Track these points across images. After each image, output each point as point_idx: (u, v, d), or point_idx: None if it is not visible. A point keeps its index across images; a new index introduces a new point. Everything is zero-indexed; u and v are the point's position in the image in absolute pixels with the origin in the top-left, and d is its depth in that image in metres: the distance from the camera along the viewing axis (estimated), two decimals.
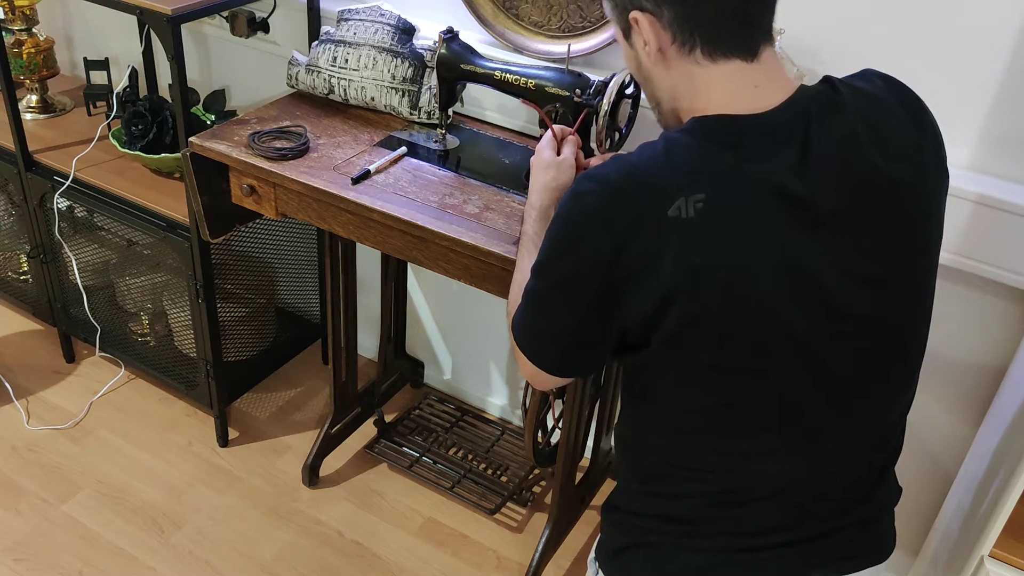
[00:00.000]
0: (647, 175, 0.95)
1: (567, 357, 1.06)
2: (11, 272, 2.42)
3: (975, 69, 1.43)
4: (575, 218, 0.97)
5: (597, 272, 0.95)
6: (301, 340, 2.40)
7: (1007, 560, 1.31)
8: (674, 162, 0.95)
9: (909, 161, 1.00)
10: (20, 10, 2.11)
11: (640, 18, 0.98)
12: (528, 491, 2.08)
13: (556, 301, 1.02)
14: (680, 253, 0.91)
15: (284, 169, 1.60)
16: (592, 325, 1.00)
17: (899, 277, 1.01)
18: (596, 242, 0.94)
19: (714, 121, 0.97)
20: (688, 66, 0.98)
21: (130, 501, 2.02)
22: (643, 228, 0.92)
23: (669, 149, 0.96)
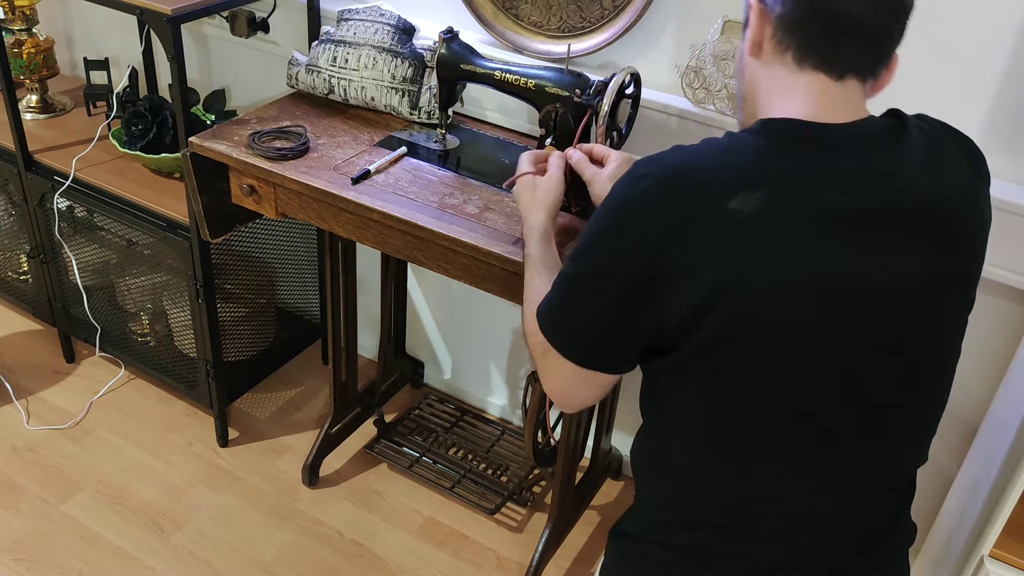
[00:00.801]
0: (709, 165, 0.94)
1: (597, 345, 1.02)
2: (11, 272, 2.42)
3: (975, 69, 1.43)
4: (629, 201, 0.96)
5: (644, 256, 0.93)
6: (301, 340, 2.40)
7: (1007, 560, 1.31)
8: (737, 158, 0.95)
9: (964, 199, 1.01)
10: (20, 10, 2.11)
11: (755, 5, 1.01)
12: (528, 491, 2.08)
13: (596, 285, 0.99)
14: (734, 248, 0.90)
15: (284, 169, 1.60)
16: (630, 312, 0.97)
17: (940, 304, 1.00)
18: (647, 226, 0.93)
19: (781, 124, 0.97)
20: (777, 66, 0.99)
21: (130, 501, 2.02)
22: (699, 217, 0.91)
23: (732, 145, 0.96)
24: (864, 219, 0.93)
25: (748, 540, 1.04)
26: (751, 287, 0.91)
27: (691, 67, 1.60)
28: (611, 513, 2.09)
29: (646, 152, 1.72)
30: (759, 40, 1.01)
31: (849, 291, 0.93)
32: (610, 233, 0.97)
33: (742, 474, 1.02)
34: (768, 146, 0.95)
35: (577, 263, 1.02)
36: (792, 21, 0.97)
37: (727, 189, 0.91)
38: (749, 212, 0.90)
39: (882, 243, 0.94)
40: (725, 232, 0.90)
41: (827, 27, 0.96)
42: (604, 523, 2.06)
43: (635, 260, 0.94)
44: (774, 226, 0.91)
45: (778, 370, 0.95)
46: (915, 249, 0.96)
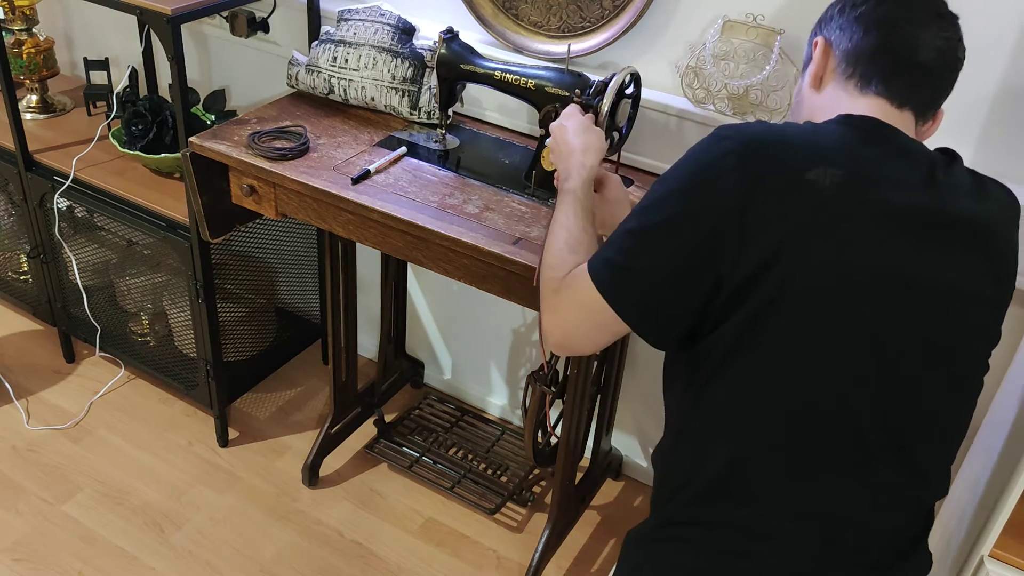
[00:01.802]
0: (794, 138, 0.99)
1: (650, 301, 1.02)
2: (11, 272, 2.42)
3: (975, 69, 1.42)
4: (711, 157, 0.98)
5: (717, 212, 0.96)
6: (301, 340, 2.40)
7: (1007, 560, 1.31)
8: (822, 138, 1.00)
9: (1007, 222, 1.08)
10: (20, 10, 2.11)
11: (821, 42, 1.11)
12: (528, 491, 2.08)
13: (663, 238, 1.00)
14: (804, 215, 0.94)
15: (284, 169, 1.60)
16: (692, 272, 0.98)
17: (979, 325, 1.06)
18: (726, 184, 0.96)
19: (862, 119, 1.03)
20: (838, 91, 1.08)
21: (130, 501, 2.02)
22: (777, 181, 0.95)
23: (817, 129, 1.03)
24: (927, 222, 0.99)
25: (764, 541, 1.03)
26: (811, 256, 0.94)
27: (691, 67, 1.60)
28: (611, 513, 2.09)
29: (646, 151, 1.73)
30: (821, 74, 1.11)
31: (902, 283, 0.98)
32: (685, 188, 0.99)
33: (773, 468, 1.02)
34: (851, 134, 1.01)
35: (646, 216, 1.02)
36: (860, 53, 1.06)
37: (808, 160, 0.96)
38: (826, 185, 0.95)
39: (939, 248, 0.99)
40: (799, 198, 0.95)
41: (894, 60, 1.05)
42: (604, 523, 2.06)
43: (708, 215, 0.96)
44: (845, 203, 0.95)
45: (822, 346, 0.97)
46: (969, 263, 1.02)
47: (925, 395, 1.02)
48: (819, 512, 1.02)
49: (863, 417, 1.00)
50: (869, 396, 0.99)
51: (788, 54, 1.53)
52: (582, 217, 1.20)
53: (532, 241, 1.45)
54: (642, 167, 1.71)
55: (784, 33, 1.51)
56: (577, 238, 1.17)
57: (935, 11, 1.07)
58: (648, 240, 1.01)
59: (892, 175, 0.99)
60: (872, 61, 1.05)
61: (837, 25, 1.10)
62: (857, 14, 1.08)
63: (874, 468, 1.02)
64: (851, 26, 1.08)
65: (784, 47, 1.53)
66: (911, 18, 1.06)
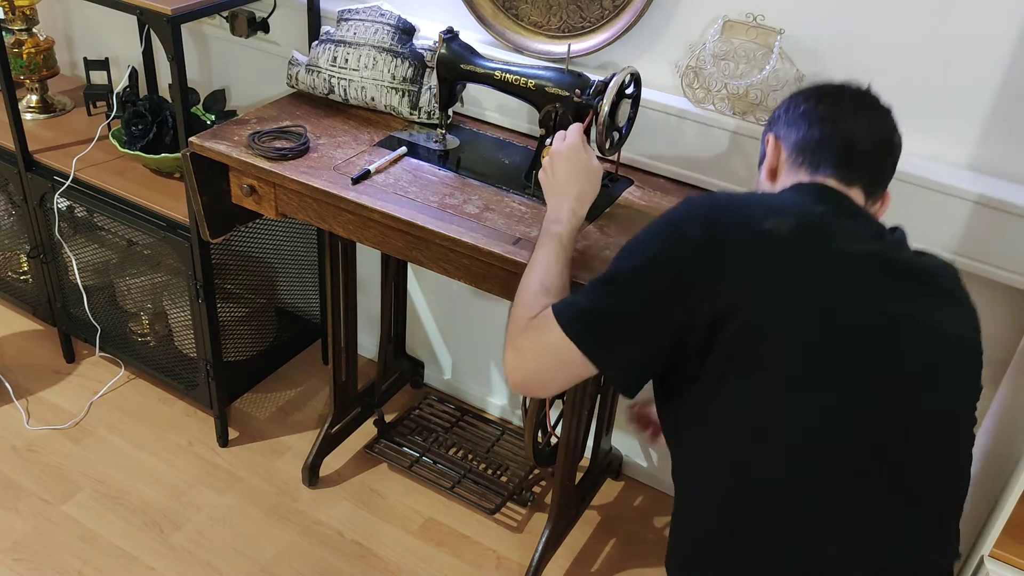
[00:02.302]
0: (751, 200, 1.12)
1: (618, 342, 1.09)
2: (11, 272, 2.42)
3: (975, 69, 1.43)
4: (679, 215, 1.10)
5: (685, 260, 1.05)
6: (301, 340, 2.40)
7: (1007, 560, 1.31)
8: (775, 199, 1.15)
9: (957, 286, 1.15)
10: (20, 10, 2.11)
11: (772, 139, 1.24)
12: (528, 491, 2.08)
13: (631, 283, 1.09)
14: (764, 258, 1.04)
15: (284, 169, 1.60)
16: (660, 315, 1.06)
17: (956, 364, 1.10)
18: (693, 233, 1.06)
19: (812, 184, 1.16)
20: (791, 177, 1.20)
21: (130, 501, 2.02)
22: (739, 232, 1.05)
23: (770, 195, 1.18)
24: (885, 265, 1.07)
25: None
26: (777, 297, 1.02)
27: (691, 67, 1.60)
28: (611, 513, 2.09)
29: (646, 151, 1.73)
30: (775, 167, 1.23)
31: (870, 319, 1.05)
32: (655, 241, 1.09)
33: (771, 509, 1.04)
34: (801, 197, 1.14)
35: (615, 266, 1.11)
36: (806, 144, 1.19)
37: (764, 214, 1.07)
38: (782, 232, 1.05)
39: (904, 287, 1.07)
40: (759, 245, 1.04)
41: (838, 148, 1.17)
42: (604, 523, 2.06)
43: (675, 261, 1.06)
44: (803, 246, 1.05)
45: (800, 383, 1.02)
46: (938, 303, 1.09)
47: (919, 431, 1.04)
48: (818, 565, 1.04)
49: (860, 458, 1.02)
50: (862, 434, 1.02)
51: (788, 54, 1.53)
52: (562, 262, 1.27)
53: (532, 241, 1.45)
54: (642, 167, 1.71)
55: (784, 33, 1.51)
56: (553, 282, 1.24)
57: (868, 105, 1.22)
58: (617, 285, 1.10)
59: (843, 228, 1.09)
60: (818, 151, 1.18)
61: (784, 123, 1.24)
62: (801, 111, 1.22)
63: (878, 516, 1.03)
64: (797, 123, 1.21)
65: (784, 47, 1.53)
66: (848, 113, 1.20)
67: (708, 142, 1.62)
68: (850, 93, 1.23)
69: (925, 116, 1.49)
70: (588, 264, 1.41)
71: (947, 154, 1.50)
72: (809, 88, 1.27)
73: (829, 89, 1.25)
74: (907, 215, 1.50)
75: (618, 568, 1.96)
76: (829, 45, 1.51)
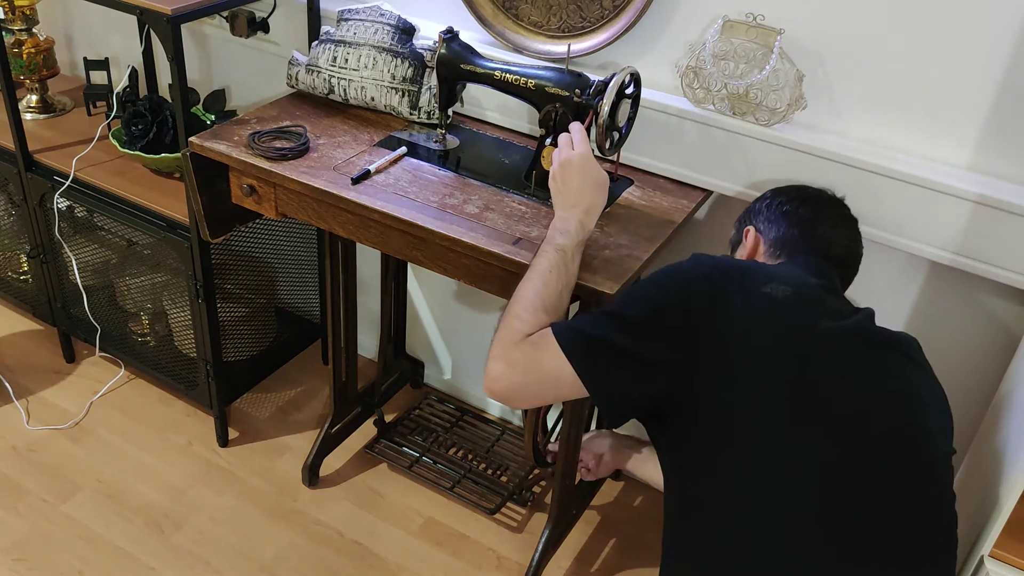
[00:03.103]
0: (754, 265, 1.22)
1: (610, 371, 1.15)
2: (11, 272, 2.42)
3: (975, 69, 1.43)
4: (687, 269, 1.17)
5: (689, 312, 1.12)
6: (301, 340, 2.40)
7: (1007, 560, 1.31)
8: (776, 268, 1.24)
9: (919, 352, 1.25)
10: (20, 10, 2.11)
11: (752, 232, 1.36)
12: (528, 491, 2.08)
13: (636, 323, 1.14)
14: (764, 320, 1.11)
15: (284, 169, 1.60)
16: (656, 355, 1.12)
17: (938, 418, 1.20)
18: (698, 287, 1.14)
19: (806, 257, 1.27)
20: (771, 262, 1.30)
21: (130, 501, 2.02)
22: (740, 291, 1.13)
23: (771, 264, 1.27)
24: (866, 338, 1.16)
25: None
26: (772, 354, 1.10)
27: (691, 67, 1.60)
28: (611, 513, 2.09)
29: (646, 151, 1.73)
30: (753, 255, 1.34)
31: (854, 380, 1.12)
32: (663, 289, 1.16)
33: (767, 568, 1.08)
34: (800, 269, 1.24)
35: (624, 305, 1.17)
36: (784, 242, 1.32)
37: (765, 279, 1.16)
38: (779, 297, 1.13)
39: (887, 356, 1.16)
40: (758, 305, 1.12)
41: (815, 247, 1.30)
42: (604, 523, 2.06)
43: (679, 312, 1.12)
44: (798, 310, 1.14)
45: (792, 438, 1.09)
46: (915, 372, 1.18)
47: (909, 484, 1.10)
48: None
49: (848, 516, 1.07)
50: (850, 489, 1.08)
51: (788, 54, 1.53)
52: (563, 278, 1.29)
53: (532, 241, 1.45)
54: (642, 167, 1.71)
55: (784, 33, 1.51)
56: (552, 299, 1.26)
57: (843, 216, 1.37)
58: (621, 322, 1.15)
59: (828, 303, 1.18)
60: (795, 248, 1.30)
61: (765, 218, 1.36)
62: (783, 211, 1.35)
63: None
64: (778, 221, 1.34)
65: (784, 47, 1.53)
66: (826, 219, 1.34)
67: (708, 142, 1.62)
68: (828, 200, 1.38)
69: (925, 116, 1.49)
70: (588, 264, 1.41)
71: (947, 154, 1.50)
72: (790, 189, 1.40)
73: (810, 193, 1.39)
74: (907, 215, 1.50)
75: (618, 568, 1.96)
76: (829, 45, 1.51)
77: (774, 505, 1.07)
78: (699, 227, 1.80)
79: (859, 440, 1.09)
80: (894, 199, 1.50)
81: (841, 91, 1.54)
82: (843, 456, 1.08)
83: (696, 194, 1.66)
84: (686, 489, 1.17)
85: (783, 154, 1.56)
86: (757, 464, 1.08)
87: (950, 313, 1.62)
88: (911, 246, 1.53)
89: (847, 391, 1.11)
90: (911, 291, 1.64)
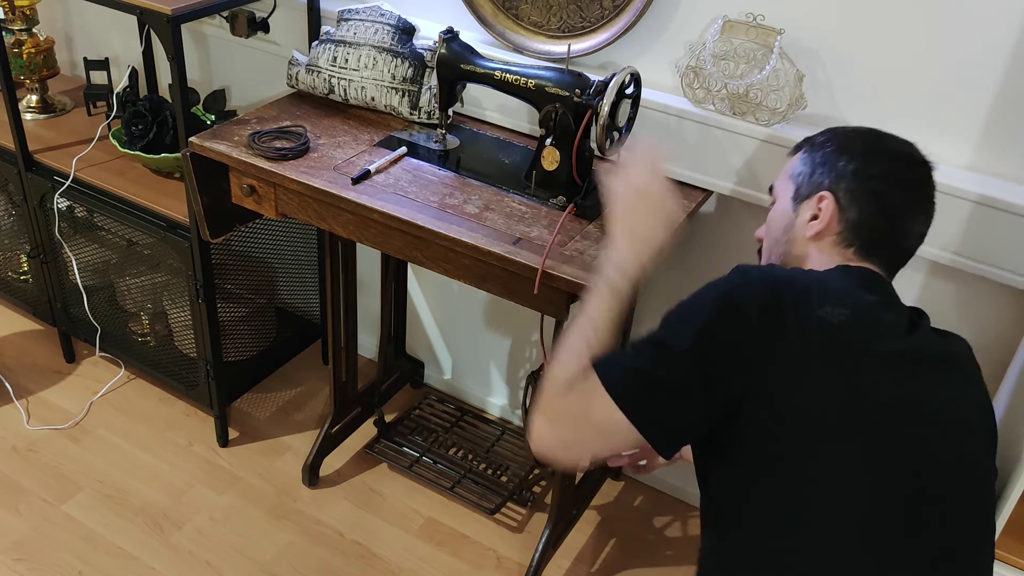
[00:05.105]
0: (808, 279, 1.08)
1: (664, 409, 1.04)
2: (11, 272, 2.42)
3: (975, 69, 1.43)
4: (735, 286, 1.05)
5: (738, 332, 1.01)
6: (301, 340, 2.40)
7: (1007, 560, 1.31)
8: (831, 283, 1.09)
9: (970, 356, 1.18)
10: (20, 10, 2.11)
11: (828, 199, 1.15)
12: (528, 491, 2.08)
13: (684, 352, 1.03)
14: (816, 346, 1.01)
15: (284, 169, 1.60)
16: (708, 383, 1.02)
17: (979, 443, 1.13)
18: (749, 309, 1.02)
19: (859, 270, 1.13)
20: (836, 252, 1.15)
21: (130, 501, 2.02)
22: (794, 310, 1.02)
23: (823, 276, 1.12)
24: (918, 359, 1.07)
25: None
26: (824, 382, 1.01)
27: (691, 67, 1.60)
28: (611, 513, 2.09)
29: None
30: (823, 231, 1.15)
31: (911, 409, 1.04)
32: (709, 310, 1.03)
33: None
34: (852, 283, 1.11)
35: (670, 333, 1.05)
36: (863, 230, 1.14)
37: (821, 299, 1.04)
38: (834, 321, 1.03)
39: (936, 379, 1.08)
40: (812, 328, 1.02)
41: (891, 245, 1.15)
42: (604, 523, 2.06)
43: (731, 338, 1.01)
44: (852, 337, 1.03)
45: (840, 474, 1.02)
46: (962, 393, 1.10)
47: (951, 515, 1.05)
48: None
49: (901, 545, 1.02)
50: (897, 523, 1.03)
51: (788, 54, 1.53)
52: (613, 323, 1.16)
53: (532, 241, 1.45)
54: None
55: (784, 33, 1.51)
56: (601, 344, 1.14)
57: (928, 198, 1.17)
58: (668, 352, 1.03)
59: (885, 320, 1.07)
60: (874, 242, 1.14)
61: (848, 188, 1.15)
62: (872, 189, 1.14)
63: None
64: (864, 199, 1.14)
65: (784, 47, 1.53)
66: (912, 208, 1.16)
67: (708, 142, 1.62)
68: (922, 180, 1.17)
69: (925, 116, 1.49)
70: (588, 264, 1.41)
71: (947, 154, 1.50)
72: (884, 157, 1.18)
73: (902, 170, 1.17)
74: None
75: (618, 568, 1.96)
76: (829, 45, 1.51)
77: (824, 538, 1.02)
78: (699, 227, 1.80)
79: (913, 468, 1.04)
80: None
81: (841, 91, 1.54)
82: (895, 483, 1.03)
83: (696, 194, 1.66)
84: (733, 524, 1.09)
85: (783, 154, 1.56)
86: (806, 495, 1.02)
87: (950, 313, 1.62)
88: None
89: (902, 419, 1.04)
90: (911, 291, 1.64)
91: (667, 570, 1.95)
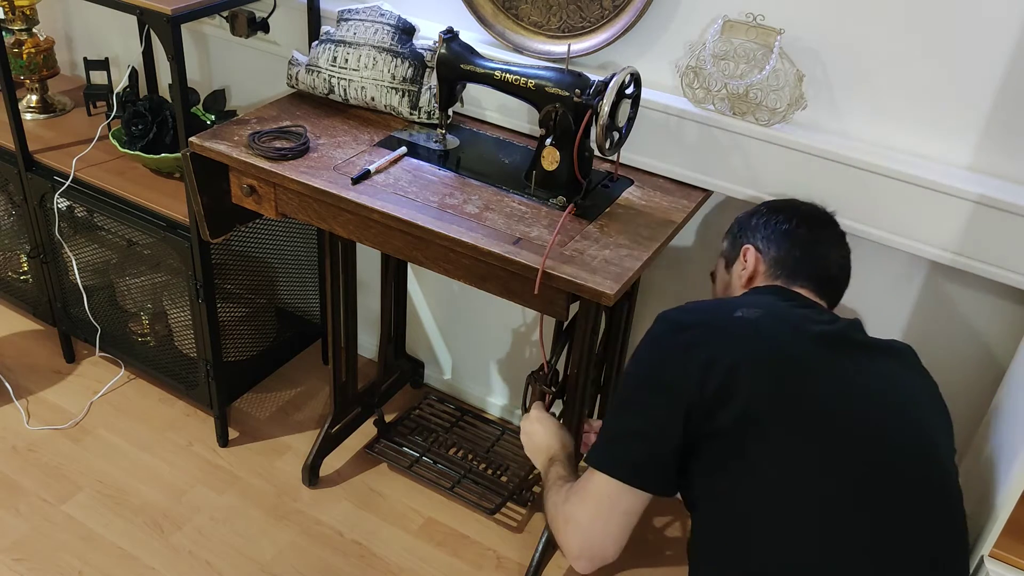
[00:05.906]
0: (715, 301, 1.32)
1: (642, 456, 1.19)
2: (11, 272, 2.42)
3: (975, 69, 1.43)
4: (661, 330, 1.23)
5: (678, 358, 1.17)
6: (301, 340, 2.40)
7: (1007, 560, 1.31)
8: (738, 299, 1.30)
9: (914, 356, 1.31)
10: (20, 10, 2.11)
11: (750, 249, 1.38)
12: (528, 491, 2.08)
13: (642, 394, 1.21)
14: (742, 338, 1.17)
15: (284, 169, 1.60)
16: (673, 409, 1.16)
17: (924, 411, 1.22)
18: (677, 339, 1.20)
19: (766, 287, 1.33)
20: (768, 283, 1.35)
21: (130, 501, 2.02)
22: (716, 322, 1.20)
23: (728, 296, 1.37)
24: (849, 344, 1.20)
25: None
26: (764, 372, 1.14)
27: (691, 67, 1.60)
28: None
29: (646, 151, 1.72)
30: (752, 276, 1.37)
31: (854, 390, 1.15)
32: (649, 351, 1.23)
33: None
34: (771, 297, 1.30)
35: (623, 396, 1.24)
36: (785, 262, 1.35)
37: (733, 307, 1.22)
38: (751, 317, 1.19)
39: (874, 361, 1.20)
40: (735, 329, 1.18)
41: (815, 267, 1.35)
42: None
43: (673, 362, 1.18)
44: (773, 326, 1.19)
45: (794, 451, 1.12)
46: (907, 375, 1.23)
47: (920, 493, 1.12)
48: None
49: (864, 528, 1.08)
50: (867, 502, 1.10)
51: (788, 54, 1.53)
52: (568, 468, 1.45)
53: (532, 241, 1.45)
54: (642, 167, 1.71)
55: (784, 33, 1.51)
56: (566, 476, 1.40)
57: (838, 234, 1.42)
58: (630, 405, 1.22)
59: (803, 315, 1.23)
60: (797, 268, 1.34)
61: (763, 237, 1.38)
62: (783, 230, 1.37)
63: None
64: (778, 240, 1.37)
65: (784, 47, 1.53)
66: (824, 240, 1.39)
67: (708, 142, 1.62)
68: (824, 218, 1.42)
69: (925, 116, 1.49)
70: (588, 264, 1.41)
71: (947, 154, 1.50)
72: (786, 206, 1.43)
73: (806, 211, 1.42)
74: (908, 215, 1.50)
75: (618, 568, 1.96)
76: (829, 45, 1.51)
77: (781, 522, 1.10)
78: (699, 227, 1.80)
79: (861, 448, 1.10)
80: (894, 199, 1.50)
81: (841, 91, 1.54)
82: (847, 464, 1.10)
83: (696, 194, 1.67)
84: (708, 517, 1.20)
85: (783, 154, 1.56)
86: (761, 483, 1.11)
87: (950, 313, 1.62)
88: (911, 246, 1.53)
89: (844, 401, 1.13)
90: (911, 291, 1.64)
91: (667, 570, 1.95)
